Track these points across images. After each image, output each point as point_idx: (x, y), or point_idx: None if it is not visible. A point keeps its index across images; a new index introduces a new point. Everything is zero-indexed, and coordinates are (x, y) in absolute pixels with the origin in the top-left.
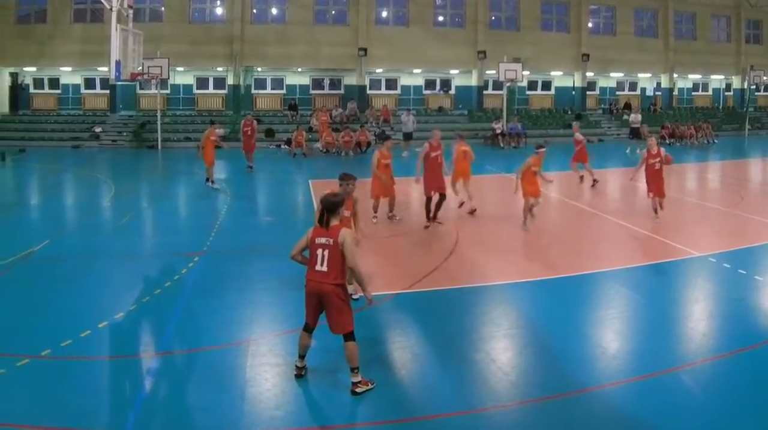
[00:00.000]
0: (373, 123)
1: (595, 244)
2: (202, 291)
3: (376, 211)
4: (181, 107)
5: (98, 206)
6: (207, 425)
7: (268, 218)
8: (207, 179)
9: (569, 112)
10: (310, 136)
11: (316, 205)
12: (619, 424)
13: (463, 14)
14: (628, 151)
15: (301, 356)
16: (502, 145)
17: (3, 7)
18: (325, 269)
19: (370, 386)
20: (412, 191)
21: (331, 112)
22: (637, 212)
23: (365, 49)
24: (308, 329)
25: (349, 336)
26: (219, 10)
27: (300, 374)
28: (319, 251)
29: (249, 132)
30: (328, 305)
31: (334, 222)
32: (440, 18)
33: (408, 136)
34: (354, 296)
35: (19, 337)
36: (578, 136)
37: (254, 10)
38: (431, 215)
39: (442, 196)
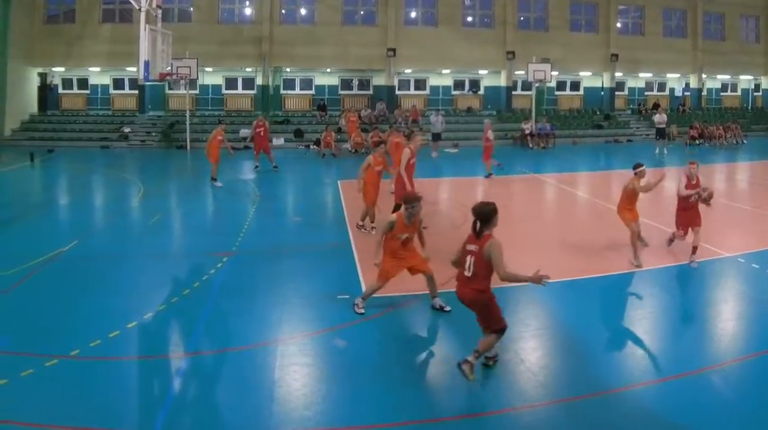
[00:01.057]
0: (401, 123)
1: (623, 244)
2: (231, 291)
3: (373, 220)
4: (210, 107)
5: (127, 207)
6: (236, 425)
7: (297, 219)
8: (212, 179)
9: (598, 113)
10: (338, 137)
11: (345, 205)
12: (649, 424)
13: (491, 15)
14: (656, 151)
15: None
16: (531, 145)
17: (31, 7)
18: (469, 274)
19: (470, 376)
20: (441, 192)
21: (360, 113)
22: (666, 212)
23: (394, 50)
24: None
25: (498, 331)
26: (248, 11)
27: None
28: (468, 257)
29: (261, 132)
30: (472, 308)
31: (487, 231)
32: (469, 18)
33: (437, 137)
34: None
35: (47, 337)
36: (490, 134)
37: (283, 11)
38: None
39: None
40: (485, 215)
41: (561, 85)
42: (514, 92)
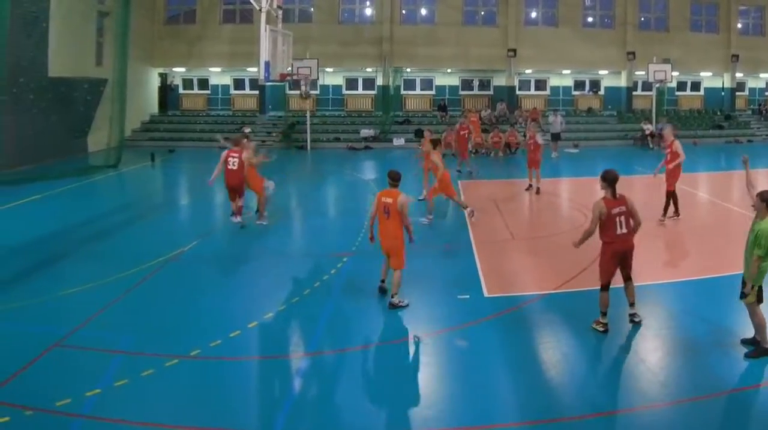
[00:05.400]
0: (522, 124)
1: (743, 244)
2: (351, 291)
3: None
4: (330, 108)
5: (246, 207)
6: (358, 424)
7: (422, 221)
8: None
9: (718, 113)
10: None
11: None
12: None
13: (612, 15)
14: None
15: (605, 314)
16: (651, 146)
17: (152, 8)
18: (625, 230)
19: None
20: (561, 192)
21: (481, 113)
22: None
23: (514, 50)
24: (608, 287)
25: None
26: (368, 11)
27: (607, 330)
28: (617, 218)
29: (466, 135)
30: (629, 257)
31: (618, 193)
32: (589, 19)
33: (556, 137)
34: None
35: (168, 337)
36: (539, 138)
37: (403, 11)
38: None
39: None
40: (616, 178)
41: (681, 86)
42: (634, 93)
